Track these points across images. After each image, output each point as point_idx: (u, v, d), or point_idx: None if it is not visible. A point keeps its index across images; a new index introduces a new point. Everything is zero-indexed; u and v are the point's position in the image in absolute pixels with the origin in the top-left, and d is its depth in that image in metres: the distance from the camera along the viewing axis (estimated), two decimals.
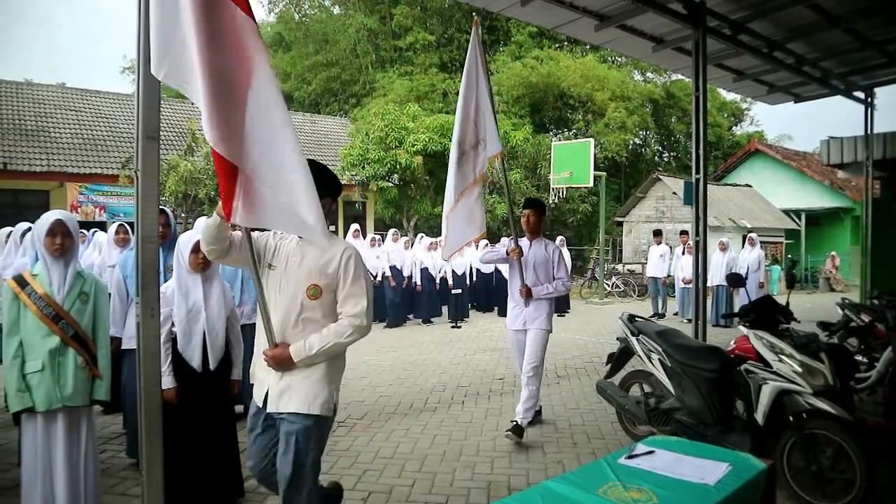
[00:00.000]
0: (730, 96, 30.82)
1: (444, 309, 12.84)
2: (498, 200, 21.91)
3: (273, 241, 2.96)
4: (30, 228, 6.54)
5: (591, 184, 16.89)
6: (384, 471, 4.45)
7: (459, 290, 12.26)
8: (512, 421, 5.21)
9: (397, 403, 6.27)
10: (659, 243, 14.10)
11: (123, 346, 4.47)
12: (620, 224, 23.26)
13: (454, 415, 5.90)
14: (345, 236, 13.37)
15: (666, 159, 32.97)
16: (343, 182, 16.89)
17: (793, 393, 3.83)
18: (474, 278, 13.64)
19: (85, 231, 7.43)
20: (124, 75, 40.35)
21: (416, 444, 5.03)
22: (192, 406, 3.57)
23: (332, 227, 11.50)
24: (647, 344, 4.73)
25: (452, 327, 11.76)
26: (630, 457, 2.47)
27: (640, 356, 4.89)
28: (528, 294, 5.18)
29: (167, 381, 3.47)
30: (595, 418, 5.78)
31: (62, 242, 3.28)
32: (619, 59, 29.69)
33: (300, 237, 2.88)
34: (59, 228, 3.29)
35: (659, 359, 4.61)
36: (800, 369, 3.82)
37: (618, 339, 5.33)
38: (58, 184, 17.89)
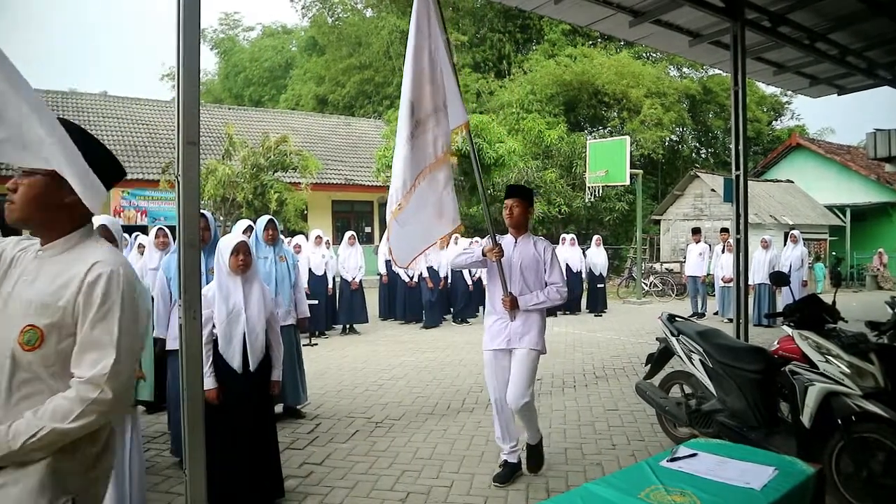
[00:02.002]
0: (769, 90, 30.14)
1: (481, 309, 12.81)
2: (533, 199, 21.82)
3: (10, 251, 1.91)
4: None
5: (627, 182, 16.69)
6: (422, 471, 4.46)
7: None
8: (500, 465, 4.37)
9: (434, 404, 6.28)
10: (697, 241, 13.86)
11: (167, 348, 4.57)
12: (657, 222, 22.93)
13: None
14: (381, 238, 13.44)
15: (703, 156, 32.40)
16: (378, 184, 16.98)
17: (841, 395, 3.72)
18: None
19: (127, 235, 7.62)
20: (163, 82, 41.29)
21: (454, 444, 5.03)
22: (233, 406, 3.62)
23: (350, 233, 11.53)
24: (688, 344, 4.65)
25: None
26: (672, 459, 2.42)
27: (680, 357, 4.80)
28: (513, 305, 4.14)
29: (209, 382, 3.52)
30: (634, 420, 5.70)
31: None
32: (654, 55, 29.25)
33: (41, 248, 1.87)
34: (103, 233, 3.37)
35: (700, 359, 4.52)
36: (848, 370, 3.70)
37: (657, 339, 5.24)
38: None
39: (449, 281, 12.10)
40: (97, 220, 3.44)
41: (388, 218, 4.20)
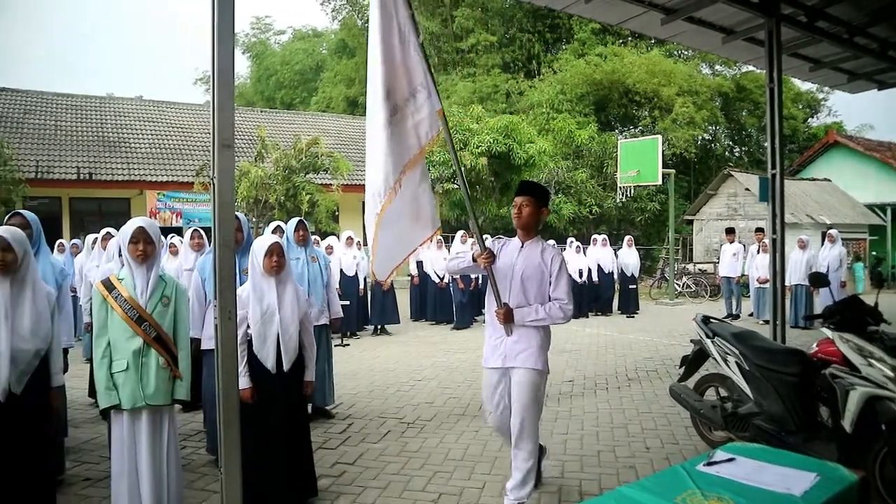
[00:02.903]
0: (805, 86, 29.47)
1: None
2: (563, 200, 21.70)
3: None
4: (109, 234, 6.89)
5: (659, 181, 16.51)
6: (454, 472, 4.46)
7: None
8: None
9: (466, 405, 6.27)
10: (732, 241, 13.63)
11: (203, 347, 4.63)
12: (690, 222, 22.60)
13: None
14: None
15: (737, 154, 31.85)
16: None
17: (884, 399, 3.62)
18: None
19: (162, 237, 7.76)
20: (196, 86, 41.94)
21: (486, 446, 5.01)
22: (267, 406, 3.66)
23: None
24: (723, 346, 4.57)
25: None
26: (709, 463, 2.38)
27: (715, 359, 4.72)
28: (507, 318, 3.64)
29: (243, 382, 3.56)
30: (668, 423, 5.62)
31: (144, 249, 3.43)
32: (686, 53, 28.85)
33: None
34: (141, 235, 3.43)
35: (736, 361, 4.44)
36: (892, 374, 3.60)
37: (692, 341, 5.16)
38: (137, 192, 18.76)
39: (480, 282, 12.08)
40: (133, 224, 3.51)
41: (370, 221, 3.61)
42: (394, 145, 3.48)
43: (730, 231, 14.20)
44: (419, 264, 11.83)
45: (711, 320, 4.97)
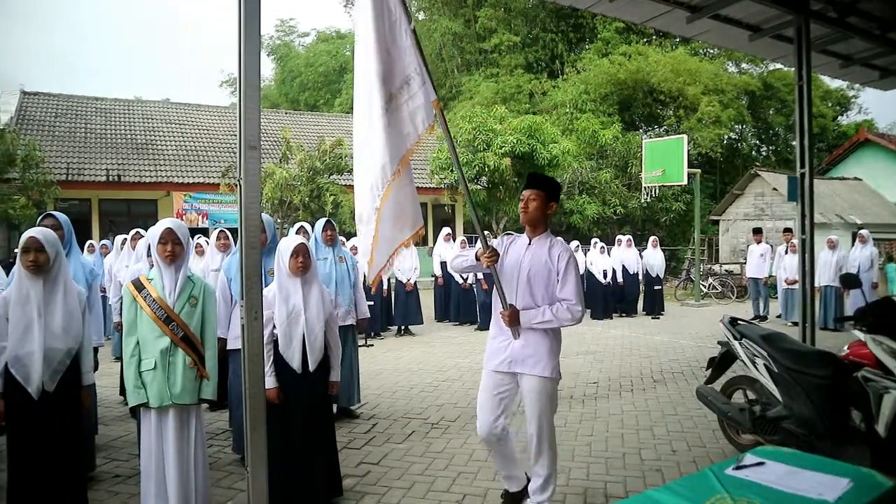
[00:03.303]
0: (835, 83, 29.00)
1: None
2: (587, 200, 21.56)
3: None
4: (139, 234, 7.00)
5: (684, 181, 16.31)
6: (478, 473, 4.45)
7: None
8: None
9: None
10: (759, 242, 13.43)
11: (228, 347, 4.68)
12: (716, 223, 22.33)
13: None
14: (435, 240, 13.50)
15: (764, 154, 31.38)
16: (432, 185, 17.19)
17: None
18: None
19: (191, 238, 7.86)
20: (222, 89, 42.42)
21: None
22: (292, 406, 3.69)
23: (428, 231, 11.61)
24: (751, 348, 4.50)
25: None
26: (738, 467, 2.34)
27: (743, 361, 4.66)
28: (512, 320, 3.45)
29: (269, 382, 3.60)
30: (695, 425, 5.56)
31: (172, 250, 3.47)
32: (712, 51, 28.50)
33: None
34: (169, 236, 3.48)
35: (764, 364, 4.37)
36: None
37: (719, 342, 5.10)
38: (164, 193, 19.03)
39: None
40: (161, 225, 3.56)
41: (369, 217, 3.32)
42: (391, 135, 3.24)
43: (757, 231, 14.01)
44: (443, 265, 11.83)
45: (739, 322, 4.90)
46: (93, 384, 3.72)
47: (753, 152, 31.04)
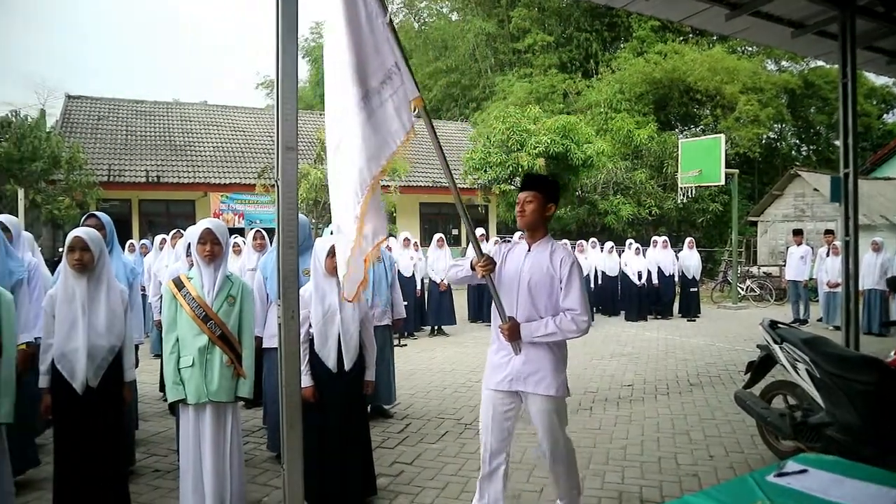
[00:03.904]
0: (880, 80, 28.15)
1: None
2: (622, 201, 21.34)
3: None
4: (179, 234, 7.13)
5: (722, 182, 16.04)
6: (512, 476, 4.41)
7: None
8: None
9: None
10: (799, 244, 13.13)
11: (264, 346, 4.74)
12: (754, 224, 21.89)
13: (581, 421, 5.77)
14: (467, 242, 13.43)
15: (804, 153, 30.67)
16: (465, 186, 17.21)
17: None
18: (599, 281, 13.33)
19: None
20: (258, 90, 43.00)
21: None
22: (328, 404, 3.72)
23: (439, 235, 11.56)
24: (793, 352, 4.39)
25: None
26: (780, 474, 2.28)
27: (783, 365, 4.55)
28: (513, 334, 3.17)
29: (305, 381, 3.63)
30: (732, 430, 5.45)
31: (211, 249, 3.53)
32: (750, 49, 27.97)
33: None
34: (208, 236, 3.54)
35: (806, 369, 4.26)
36: None
37: (758, 346, 4.99)
38: (202, 193, 19.38)
39: None
40: (201, 225, 3.63)
41: (346, 225, 3.00)
42: (370, 133, 2.88)
43: (797, 233, 13.69)
44: None
45: (779, 325, 4.79)
46: (134, 380, 3.80)
47: (793, 152, 30.36)
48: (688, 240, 13.98)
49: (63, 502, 3.35)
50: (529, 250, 3.30)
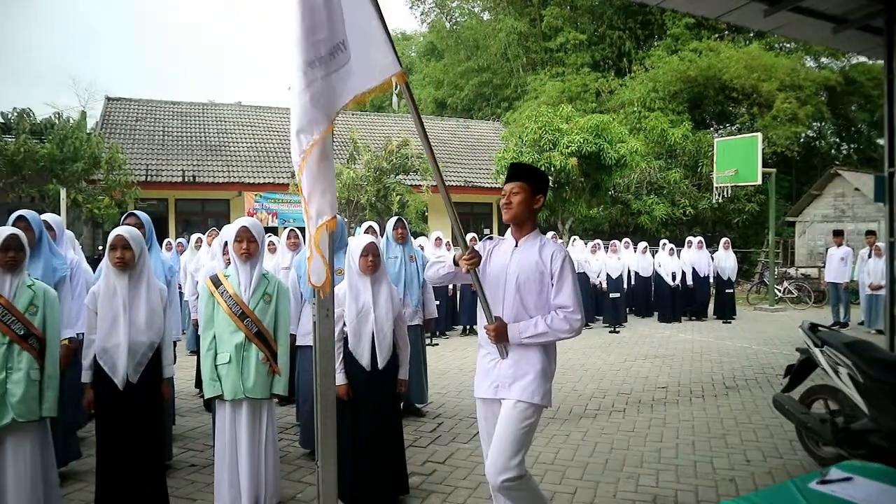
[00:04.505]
0: None
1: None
2: (656, 201, 21.08)
3: None
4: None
5: (758, 181, 15.75)
6: (545, 476, 4.40)
7: (617, 294, 11.89)
8: None
9: (556, 408, 6.18)
10: (839, 245, 12.82)
11: (298, 344, 4.79)
12: (792, 224, 21.46)
13: (615, 422, 5.71)
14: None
15: (844, 152, 29.91)
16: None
17: None
18: (632, 282, 13.18)
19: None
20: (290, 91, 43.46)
21: (577, 450, 4.93)
22: (361, 402, 3.74)
23: (471, 235, 11.53)
24: (834, 356, 4.29)
25: (610, 332, 11.42)
26: (823, 482, 2.22)
27: (824, 369, 4.44)
28: (499, 335, 2.91)
29: (339, 379, 3.66)
30: (770, 434, 5.34)
31: (248, 247, 3.58)
32: (788, 45, 27.35)
33: None
34: (245, 235, 3.59)
35: (849, 373, 4.15)
36: None
37: (797, 349, 4.88)
38: (236, 193, 19.65)
39: None
40: (238, 224, 3.67)
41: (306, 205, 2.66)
42: (308, 103, 2.64)
43: (838, 233, 13.37)
44: None
45: (820, 328, 4.68)
46: (172, 376, 3.87)
47: (833, 151, 29.63)
48: (723, 240, 13.76)
49: (105, 495, 3.43)
50: (517, 246, 3.04)
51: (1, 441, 3.15)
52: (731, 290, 13.43)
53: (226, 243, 4.34)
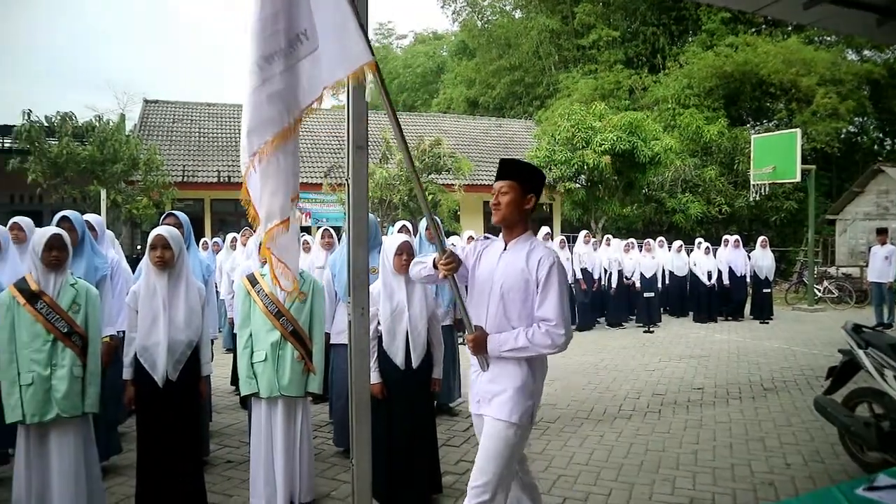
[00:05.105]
0: None
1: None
2: (691, 199, 20.78)
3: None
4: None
5: (797, 178, 15.42)
6: (579, 477, 4.37)
7: (651, 294, 11.74)
8: None
9: (590, 409, 6.13)
10: (883, 243, 12.46)
11: (332, 342, 4.82)
12: (832, 222, 20.92)
13: (650, 424, 5.64)
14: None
15: (889, 148, 29.05)
16: None
17: None
18: (666, 281, 13.01)
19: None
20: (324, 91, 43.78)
21: (612, 451, 4.88)
22: (396, 401, 3.75)
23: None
24: (880, 358, 4.17)
25: (644, 332, 11.28)
26: (870, 488, 2.16)
27: (869, 372, 4.32)
28: (477, 346, 2.75)
29: (373, 377, 3.67)
30: (811, 438, 5.22)
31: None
32: (828, 39, 26.67)
33: None
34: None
35: (894, 376, 4.04)
36: None
37: (840, 351, 4.75)
38: None
39: (603, 283, 11.86)
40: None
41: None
42: (262, 101, 2.60)
43: (881, 231, 13.01)
44: None
45: (863, 329, 4.55)
46: (210, 374, 3.93)
47: (875, 146, 28.80)
48: (760, 239, 13.48)
49: (145, 489, 3.50)
50: (505, 249, 2.82)
51: (46, 435, 3.24)
52: (769, 290, 13.16)
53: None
